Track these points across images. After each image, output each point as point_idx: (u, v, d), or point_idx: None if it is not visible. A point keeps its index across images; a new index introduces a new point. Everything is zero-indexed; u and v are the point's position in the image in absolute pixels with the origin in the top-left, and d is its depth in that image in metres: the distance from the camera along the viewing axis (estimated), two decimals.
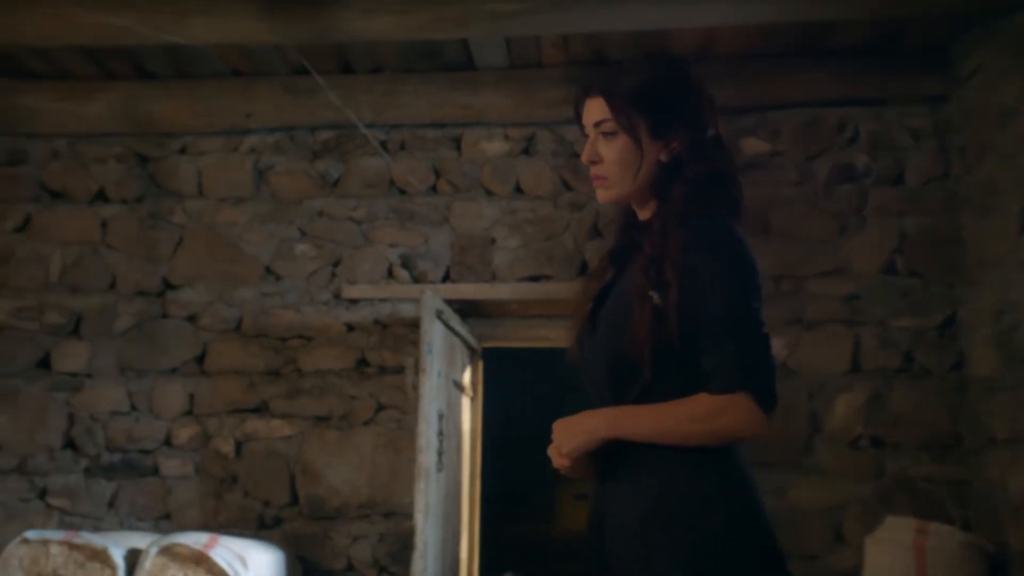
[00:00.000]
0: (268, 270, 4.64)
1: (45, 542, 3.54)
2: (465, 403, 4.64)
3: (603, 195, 1.80)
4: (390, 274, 4.60)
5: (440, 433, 4.08)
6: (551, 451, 1.74)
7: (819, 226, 4.43)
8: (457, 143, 4.65)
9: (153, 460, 4.52)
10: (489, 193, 4.61)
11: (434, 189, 4.65)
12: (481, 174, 4.62)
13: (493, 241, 4.57)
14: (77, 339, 4.63)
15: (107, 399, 4.57)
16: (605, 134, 1.76)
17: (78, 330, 4.64)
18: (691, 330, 1.62)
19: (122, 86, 4.60)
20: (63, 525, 4.44)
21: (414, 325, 4.50)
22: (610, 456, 1.71)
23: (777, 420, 1.83)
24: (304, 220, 4.66)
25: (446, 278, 4.57)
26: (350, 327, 4.56)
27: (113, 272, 4.68)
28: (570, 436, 1.71)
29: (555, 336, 4.73)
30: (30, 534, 3.58)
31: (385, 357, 4.51)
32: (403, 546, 4.33)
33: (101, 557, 3.52)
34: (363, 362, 4.53)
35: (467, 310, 4.60)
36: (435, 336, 4.06)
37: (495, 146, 4.62)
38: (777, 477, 4.19)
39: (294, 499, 4.46)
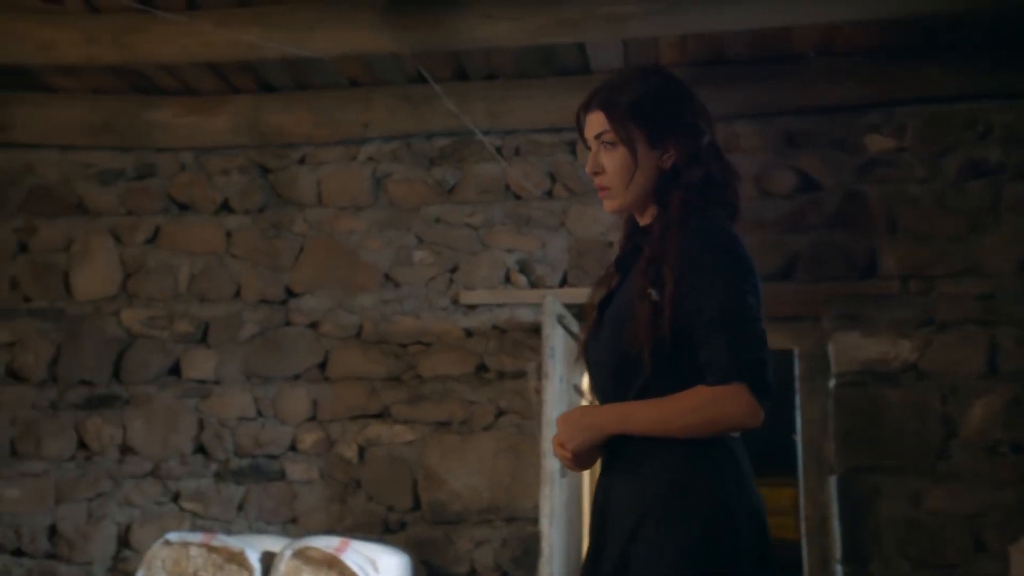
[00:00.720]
0: (387, 277, 4.70)
1: (185, 544, 3.64)
2: None
3: (608, 205, 1.87)
4: (507, 279, 4.61)
5: None
6: (555, 445, 1.80)
7: (949, 224, 4.29)
8: (572, 147, 4.64)
9: (280, 465, 4.62)
10: None
11: (550, 194, 4.65)
12: None
13: (610, 245, 4.54)
14: (205, 347, 4.76)
15: (234, 405, 4.69)
16: (606, 144, 1.83)
17: (206, 338, 4.77)
18: (686, 326, 1.68)
19: (245, 99, 4.71)
20: (195, 528, 4.57)
21: (533, 330, 4.50)
22: (612, 450, 1.76)
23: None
24: (422, 227, 4.71)
25: (563, 282, 4.56)
26: (468, 332, 4.59)
27: (238, 281, 4.80)
28: (574, 431, 1.77)
29: None
30: (171, 536, 3.69)
31: (504, 362, 4.52)
32: (525, 551, 4.34)
33: (238, 559, 3.60)
34: (482, 367, 4.55)
35: (583, 314, 4.58)
36: (557, 341, 4.06)
37: None
38: (910, 483, 4.07)
39: (417, 504, 4.50)
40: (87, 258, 4.87)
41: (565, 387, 4.18)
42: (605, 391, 1.82)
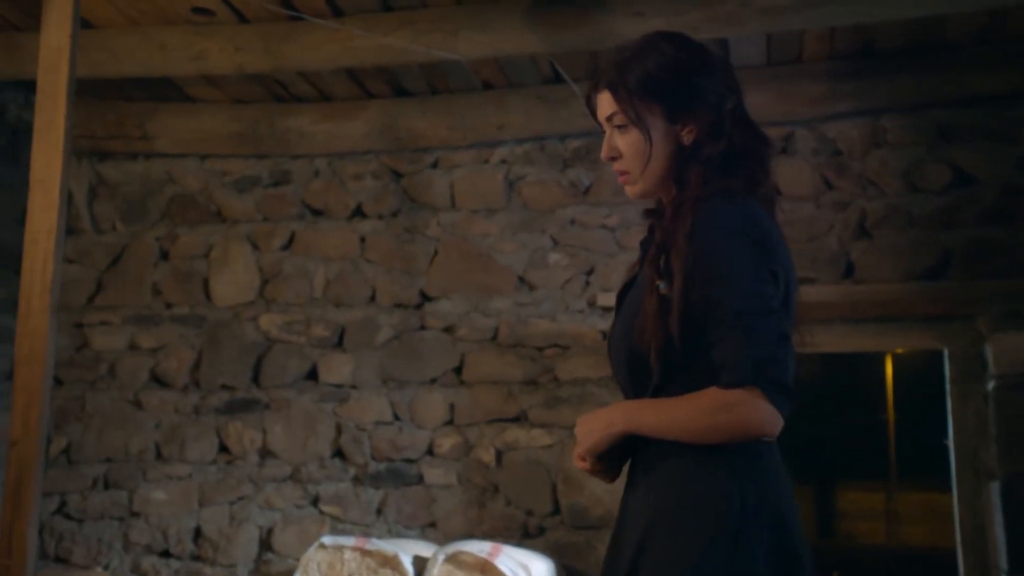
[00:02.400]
0: (522, 280, 4.67)
1: (340, 548, 3.66)
2: None
3: (630, 191, 1.78)
4: None
5: None
6: (575, 456, 1.71)
7: None
8: None
9: (417, 469, 4.62)
10: None
11: None
12: None
13: None
14: (341, 351, 4.79)
15: (371, 409, 4.71)
16: (619, 127, 1.73)
17: (342, 342, 4.80)
18: (699, 321, 1.53)
19: (380, 104, 4.74)
20: (335, 531, 4.60)
21: None
22: (633, 460, 1.67)
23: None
24: (556, 229, 4.66)
25: None
26: (605, 335, 4.53)
27: (373, 286, 4.82)
28: (587, 433, 1.66)
29: (813, 342, 4.54)
30: (326, 540, 3.70)
31: None
32: None
33: (392, 563, 3.60)
34: None
35: None
36: None
37: None
38: None
39: (556, 508, 4.45)
40: (226, 264, 4.96)
41: None
42: (624, 389, 1.74)
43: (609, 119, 1.74)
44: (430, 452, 4.62)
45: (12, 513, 2.85)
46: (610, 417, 1.64)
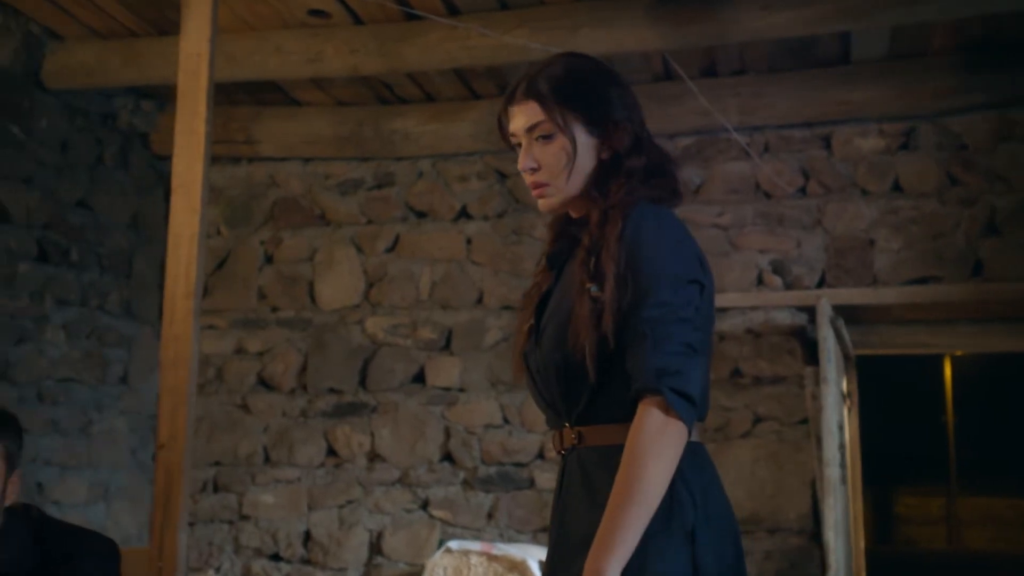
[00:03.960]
0: None
1: (466, 553, 3.62)
2: (844, 413, 4.41)
3: (546, 203, 1.69)
4: (760, 281, 4.45)
5: (841, 446, 3.88)
6: None
7: None
8: (827, 142, 4.45)
9: (528, 473, 4.57)
10: (865, 192, 4.38)
11: (804, 191, 4.46)
12: (856, 173, 4.40)
13: (872, 243, 4.33)
14: (449, 354, 4.76)
15: (480, 413, 4.67)
16: (542, 138, 1.66)
17: (449, 345, 4.77)
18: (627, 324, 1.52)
19: (487, 105, 4.70)
20: (446, 535, 4.57)
21: (791, 333, 4.33)
22: (567, 467, 1.63)
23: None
24: None
25: (821, 283, 4.37)
26: (720, 336, 4.45)
27: (480, 288, 4.79)
28: None
29: (936, 343, 4.44)
30: (452, 544, 3.67)
31: (761, 367, 4.36)
32: (791, 564, 4.16)
33: (520, 568, 3.55)
34: (736, 372, 4.40)
35: (852, 317, 4.38)
36: (831, 344, 3.88)
37: (870, 142, 4.39)
38: None
39: None
40: (330, 267, 4.95)
41: (837, 392, 3.99)
42: (552, 403, 1.65)
43: (531, 130, 1.67)
44: (541, 456, 4.57)
45: (162, 516, 2.85)
46: (595, 567, 1.45)
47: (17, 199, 4.07)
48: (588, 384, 1.57)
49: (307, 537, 4.75)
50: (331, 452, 4.81)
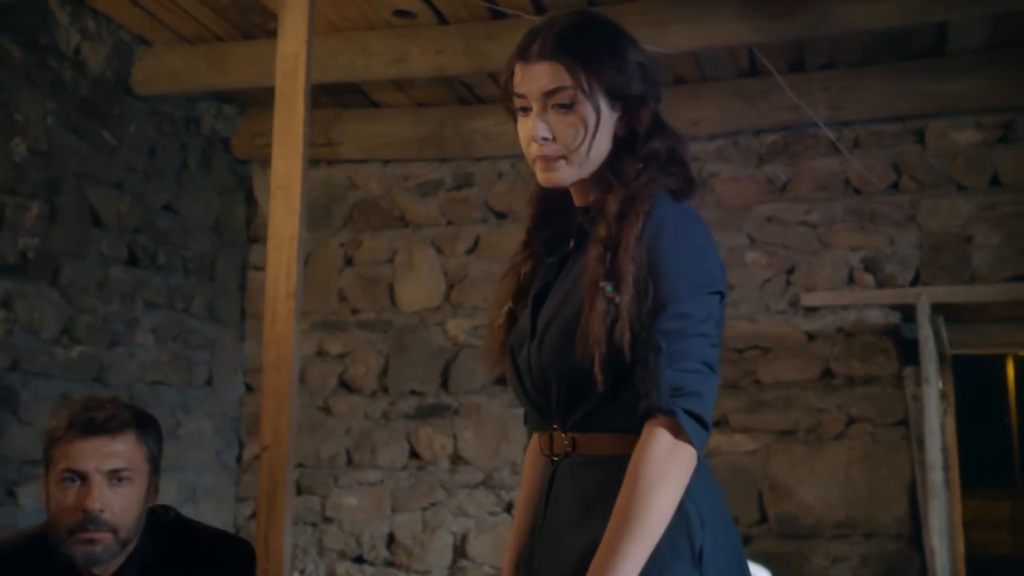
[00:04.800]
0: None
1: None
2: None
3: (553, 178, 1.50)
4: (851, 279, 4.35)
5: (943, 448, 3.77)
6: None
7: None
8: (920, 136, 4.34)
9: None
10: (961, 187, 4.26)
11: (896, 187, 4.35)
12: (951, 167, 4.28)
13: (970, 239, 4.21)
14: None
15: None
16: (560, 106, 1.47)
17: None
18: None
19: None
20: None
21: (884, 332, 4.23)
22: (556, 475, 1.49)
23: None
24: (753, 227, 4.51)
25: (915, 281, 4.26)
26: (811, 336, 4.36)
27: None
28: None
29: None
30: None
31: (853, 367, 4.26)
32: (888, 569, 4.06)
33: None
34: (828, 372, 4.31)
35: (951, 315, 4.26)
36: (931, 344, 3.77)
37: (967, 136, 4.27)
38: None
39: (763, 516, 4.29)
40: (410, 269, 4.94)
41: (937, 392, 3.89)
42: (544, 406, 1.50)
43: (550, 94, 1.47)
44: None
45: (267, 518, 2.85)
46: None
47: (109, 204, 4.11)
48: (593, 393, 1.43)
49: (390, 539, 4.74)
50: (413, 454, 4.80)
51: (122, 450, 1.76)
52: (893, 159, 4.36)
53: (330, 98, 4.81)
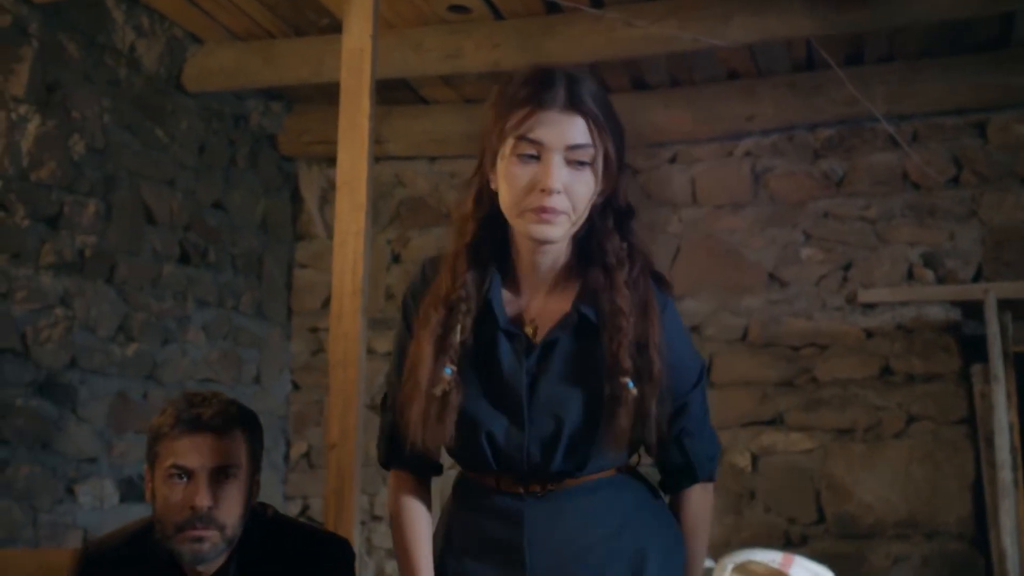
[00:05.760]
0: (772, 276, 4.47)
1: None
2: None
3: (552, 232, 1.45)
4: (910, 275, 4.28)
5: (1012, 448, 3.70)
6: None
7: None
8: (981, 129, 4.26)
9: None
10: None
11: (956, 181, 4.28)
12: (1015, 161, 4.20)
13: None
14: None
15: None
16: (578, 162, 1.44)
17: None
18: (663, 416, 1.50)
19: (618, 99, 4.42)
20: None
21: (944, 329, 4.16)
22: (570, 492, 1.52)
23: None
24: (808, 223, 4.45)
25: (977, 277, 4.18)
26: (869, 333, 4.29)
27: None
28: None
29: None
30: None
31: (913, 365, 4.19)
32: (951, 570, 3.99)
33: None
34: (887, 370, 4.24)
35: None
36: (998, 341, 3.70)
37: None
38: None
39: (821, 516, 4.23)
40: None
41: (1004, 390, 3.81)
42: (522, 476, 1.50)
43: (572, 148, 1.43)
44: None
45: (335, 517, 2.81)
46: None
47: (161, 201, 4.10)
48: (604, 462, 1.53)
49: None
50: None
51: (228, 447, 1.73)
52: (953, 153, 4.28)
53: (378, 95, 4.74)
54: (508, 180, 1.46)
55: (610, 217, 1.52)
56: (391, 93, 4.73)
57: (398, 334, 1.65)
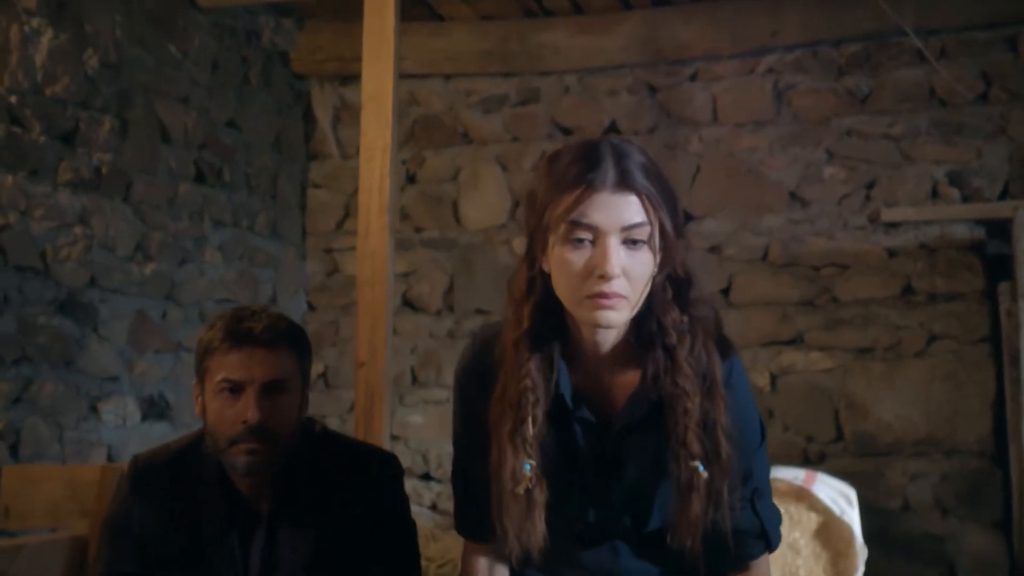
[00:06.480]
0: (793, 196, 4.42)
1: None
2: None
3: (614, 317, 1.40)
4: (934, 193, 4.23)
5: None
6: None
7: None
8: (1012, 43, 4.17)
9: None
10: None
11: (984, 97, 4.20)
12: None
13: None
14: None
15: None
16: (632, 242, 1.39)
17: None
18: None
19: (639, 16, 4.50)
20: None
21: (968, 248, 4.12)
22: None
23: None
24: (832, 141, 4.38)
25: (1004, 195, 4.13)
26: (891, 252, 4.25)
27: None
28: None
29: None
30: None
31: (936, 284, 4.16)
32: (971, 487, 4.02)
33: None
34: (908, 290, 4.21)
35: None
36: None
37: None
38: None
39: (839, 434, 4.25)
40: (475, 187, 4.85)
41: None
42: (631, 531, 1.55)
43: (628, 228, 1.38)
44: None
45: (364, 435, 2.81)
46: None
47: (176, 119, 4.03)
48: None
49: None
50: None
51: (279, 361, 1.71)
52: (982, 68, 4.19)
53: None
54: (563, 267, 1.40)
55: (669, 289, 1.47)
56: (406, 9, 4.58)
57: (456, 412, 1.61)
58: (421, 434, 4.78)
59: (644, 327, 1.47)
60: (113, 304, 3.67)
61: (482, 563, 1.59)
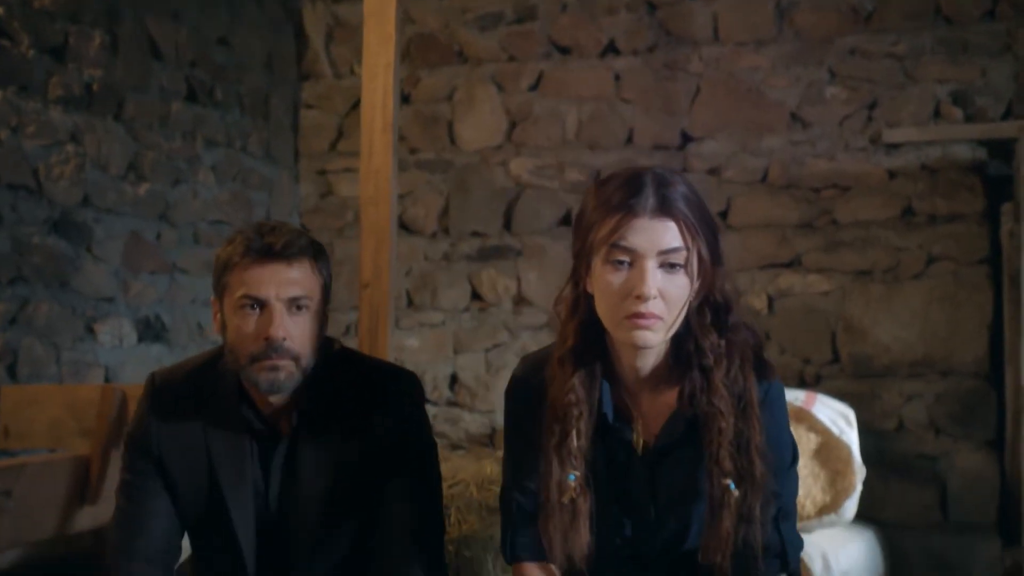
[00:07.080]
0: (794, 117, 4.36)
1: None
2: None
3: (651, 338, 1.47)
4: (937, 113, 4.19)
5: None
6: None
7: None
8: None
9: None
10: None
11: (992, 14, 4.13)
12: None
13: None
14: None
15: None
16: (670, 265, 1.46)
17: None
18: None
19: None
20: None
21: (971, 168, 4.10)
22: None
23: None
24: (834, 60, 4.31)
25: (1007, 114, 4.09)
26: (892, 174, 4.23)
27: (630, 127, 4.58)
28: None
29: None
30: None
31: (937, 205, 4.15)
32: (965, 407, 4.06)
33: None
34: (909, 211, 4.20)
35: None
36: None
37: None
38: None
39: (835, 356, 4.27)
40: (471, 107, 4.77)
41: None
42: (670, 546, 1.60)
43: (665, 252, 1.45)
44: None
45: (369, 354, 2.79)
46: None
47: (167, 35, 3.92)
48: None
49: (453, 380, 4.75)
50: (476, 296, 4.74)
51: (300, 277, 1.67)
52: None
53: None
54: (603, 288, 1.48)
55: (707, 314, 1.53)
56: None
57: (507, 432, 1.68)
58: (417, 357, 4.77)
59: (683, 350, 1.53)
60: (107, 224, 3.61)
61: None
